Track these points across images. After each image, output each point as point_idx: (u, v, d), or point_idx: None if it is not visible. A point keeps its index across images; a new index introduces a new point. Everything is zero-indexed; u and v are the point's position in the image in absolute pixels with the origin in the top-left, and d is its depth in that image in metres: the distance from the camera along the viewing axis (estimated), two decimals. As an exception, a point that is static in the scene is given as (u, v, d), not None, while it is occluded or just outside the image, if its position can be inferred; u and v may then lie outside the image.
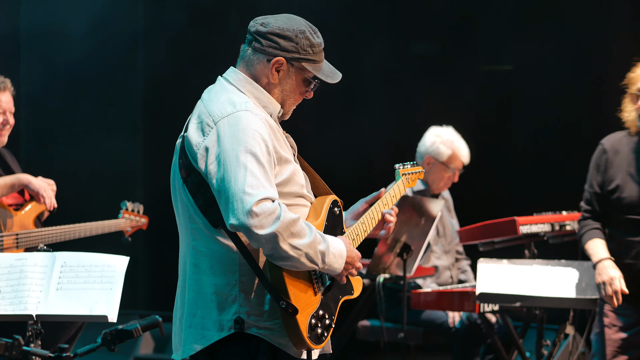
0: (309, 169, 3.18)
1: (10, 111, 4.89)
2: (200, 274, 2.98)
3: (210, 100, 3.00)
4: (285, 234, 2.82)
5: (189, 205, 2.99)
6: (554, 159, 7.17)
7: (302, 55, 3.03)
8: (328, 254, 2.93)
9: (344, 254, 2.99)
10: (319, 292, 3.01)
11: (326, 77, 3.08)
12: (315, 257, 2.89)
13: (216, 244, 2.95)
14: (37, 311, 3.78)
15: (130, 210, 5.37)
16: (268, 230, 2.79)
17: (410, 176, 3.59)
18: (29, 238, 4.76)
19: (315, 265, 2.91)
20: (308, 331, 2.94)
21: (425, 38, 7.52)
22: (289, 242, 2.83)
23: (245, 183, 2.81)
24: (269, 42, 3.02)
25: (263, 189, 2.82)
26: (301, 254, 2.85)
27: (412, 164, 3.64)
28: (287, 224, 2.82)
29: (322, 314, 3.00)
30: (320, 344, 2.99)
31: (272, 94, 3.06)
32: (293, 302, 2.89)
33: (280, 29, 3.02)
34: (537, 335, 5.17)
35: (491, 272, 4.88)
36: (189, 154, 2.96)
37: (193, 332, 2.98)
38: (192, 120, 3.00)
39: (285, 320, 2.91)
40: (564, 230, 5.50)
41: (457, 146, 5.95)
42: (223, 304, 2.94)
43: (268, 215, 2.79)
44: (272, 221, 2.80)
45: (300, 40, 3.02)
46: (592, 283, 4.76)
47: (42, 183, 4.85)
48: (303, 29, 3.04)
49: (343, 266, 2.98)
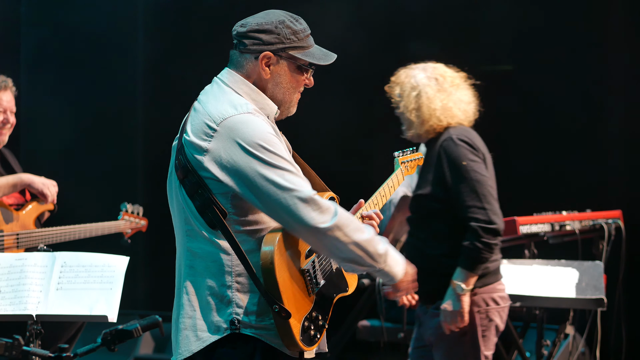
0: (305, 166, 3.18)
1: (11, 110, 4.89)
2: (195, 275, 2.98)
3: (209, 102, 3.00)
4: (347, 229, 2.88)
5: (185, 207, 2.98)
6: (554, 159, 7.17)
7: (286, 44, 3.03)
8: (389, 255, 2.99)
9: (403, 262, 3.04)
10: (312, 293, 3.01)
11: (318, 59, 3.08)
12: (376, 255, 2.94)
13: (211, 246, 2.95)
14: (37, 311, 3.78)
15: (130, 212, 5.37)
16: (330, 223, 2.85)
17: (409, 163, 3.59)
18: (30, 238, 4.76)
19: (376, 263, 2.95)
20: (301, 334, 2.94)
21: (425, 38, 7.52)
22: (352, 238, 2.89)
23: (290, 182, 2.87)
24: (251, 40, 3.03)
25: (307, 184, 2.90)
26: (363, 251, 2.91)
27: (411, 150, 3.62)
28: (345, 218, 2.88)
29: (315, 315, 3.00)
30: (313, 346, 2.99)
31: (268, 91, 3.06)
32: (286, 305, 2.88)
33: (259, 24, 3.03)
34: (537, 335, 5.17)
35: (491, 272, 4.87)
36: (188, 155, 2.95)
37: (189, 334, 2.98)
38: (190, 122, 2.99)
39: (278, 323, 2.91)
40: (564, 230, 5.50)
41: None
42: (218, 305, 2.94)
43: (327, 209, 2.86)
44: (332, 215, 2.86)
45: (281, 30, 3.02)
46: (592, 283, 4.76)
47: (45, 181, 4.86)
48: (282, 18, 3.04)
49: (402, 273, 3.03)
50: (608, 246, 5.54)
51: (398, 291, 3.09)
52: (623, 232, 5.60)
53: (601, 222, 5.58)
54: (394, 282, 3.04)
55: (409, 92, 4.51)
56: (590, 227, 5.58)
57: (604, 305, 4.75)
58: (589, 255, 5.47)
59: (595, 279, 4.70)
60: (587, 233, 5.58)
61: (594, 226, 5.58)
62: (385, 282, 3.06)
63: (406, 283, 3.07)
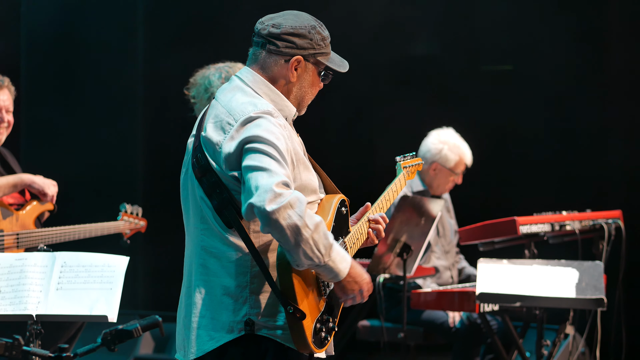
0: (318, 169, 3.18)
1: (8, 110, 4.88)
2: (209, 275, 2.97)
3: (229, 101, 2.99)
4: (298, 209, 2.75)
5: (203, 206, 2.97)
6: (554, 159, 7.17)
7: (317, 50, 3.05)
8: (334, 249, 2.86)
9: (349, 260, 2.92)
10: (325, 295, 3.00)
11: (338, 67, 3.11)
12: (320, 245, 2.80)
13: (228, 246, 2.94)
14: (37, 311, 3.78)
15: (129, 212, 5.37)
16: (277, 206, 2.73)
17: (410, 169, 3.59)
18: (30, 238, 4.76)
19: (320, 255, 2.82)
20: (313, 335, 2.93)
21: (425, 38, 7.52)
22: (301, 216, 2.74)
23: (268, 168, 2.79)
24: (284, 42, 3.02)
25: (283, 173, 2.81)
26: (309, 235, 2.77)
27: (412, 156, 3.62)
28: (301, 200, 2.77)
29: (327, 317, 3.00)
30: (323, 348, 2.99)
31: (290, 93, 3.07)
32: (300, 306, 2.88)
33: (294, 28, 3.03)
34: (537, 335, 5.17)
35: (491, 272, 4.87)
36: (207, 153, 2.94)
37: (202, 334, 2.97)
38: (209, 120, 2.99)
39: (291, 324, 2.89)
40: (564, 230, 5.50)
41: (463, 152, 6.01)
42: (233, 305, 2.93)
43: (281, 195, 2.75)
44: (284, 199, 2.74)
45: (313, 35, 3.04)
46: (592, 283, 4.76)
47: (46, 181, 4.86)
48: (313, 24, 3.07)
49: (348, 271, 2.90)
50: (608, 246, 5.54)
51: (344, 292, 2.96)
52: (623, 232, 5.60)
53: (601, 222, 5.58)
54: (338, 280, 2.93)
55: (202, 93, 4.43)
56: (590, 227, 5.58)
57: (604, 305, 4.74)
58: (589, 255, 5.47)
59: (595, 279, 4.70)
60: (587, 233, 5.58)
61: (594, 226, 5.58)
62: (329, 279, 2.94)
63: (353, 284, 2.95)
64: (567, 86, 7.12)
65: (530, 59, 7.26)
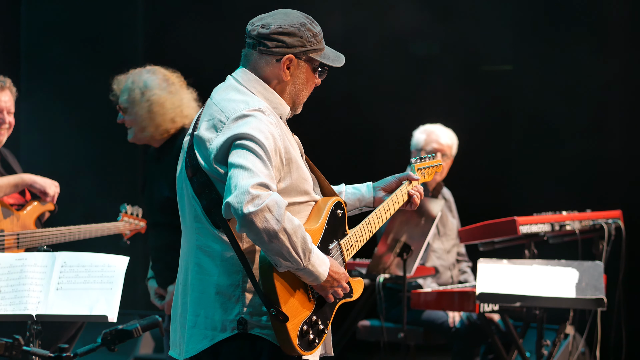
0: (315, 170, 3.18)
1: (9, 111, 4.88)
2: (203, 273, 2.98)
3: (223, 100, 3.00)
4: (276, 212, 2.74)
5: (196, 205, 2.98)
6: (554, 159, 7.17)
7: (308, 47, 3.05)
8: (313, 253, 2.87)
9: (327, 262, 2.93)
10: (313, 297, 3.00)
11: (333, 62, 3.11)
12: (299, 249, 2.80)
13: (220, 245, 2.95)
14: (37, 311, 3.78)
15: (129, 213, 5.37)
16: (256, 208, 2.73)
17: (427, 170, 3.55)
18: (30, 238, 4.76)
19: (299, 259, 2.82)
20: (298, 338, 2.92)
21: (425, 38, 7.53)
22: (278, 220, 2.74)
23: (250, 168, 2.79)
24: (274, 42, 3.02)
25: (264, 174, 2.80)
26: (286, 239, 2.77)
27: (430, 157, 3.58)
28: (279, 204, 2.76)
29: (315, 320, 2.99)
30: (312, 350, 2.97)
31: (285, 92, 3.07)
32: (284, 309, 2.87)
33: (283, 27, 3.03)
34: (537, 335, 5.17)
35: (491, 272, 4.88)
36: (198, 151, 2.95)
37: (196, 332, 2.98)
38: (204, 119, 3.00)
39: (275, 327, 2.90)
40: (564, 230, 5.50)
41: (429, 129, 5.97)
42: (226, 304, 2.94)
43: (259, 197, 2.74)
44: (262, 201, 2.74)
45: (303, 33, 3.04)
46: (592, 283, 4.76)
47: (47, 181, 4.87)
48: (303, 21, 3.06)
49: (327, 273, 2.93)
50: (608, 246, 5.54)
51: (323, 290, 2.97)
52: (623, 232, 5.60)
53: (601, 222, 5.58)
54: (319, 283, 2.94)
55: (139, 97, 4.42)
56: (590, 227, 5.58)
57: (604, 305, 4.74)
58: (589, 255, 5.47)
59: (595, 279, 4.70)
60: (587, 233, 5.58)
61: (594, 226, 5.58)
62: (309, 282, 2.95)
63: (332, 282, 2.95)
64: (568, 86, 7.12)
65: (530, 59, 7.26)
